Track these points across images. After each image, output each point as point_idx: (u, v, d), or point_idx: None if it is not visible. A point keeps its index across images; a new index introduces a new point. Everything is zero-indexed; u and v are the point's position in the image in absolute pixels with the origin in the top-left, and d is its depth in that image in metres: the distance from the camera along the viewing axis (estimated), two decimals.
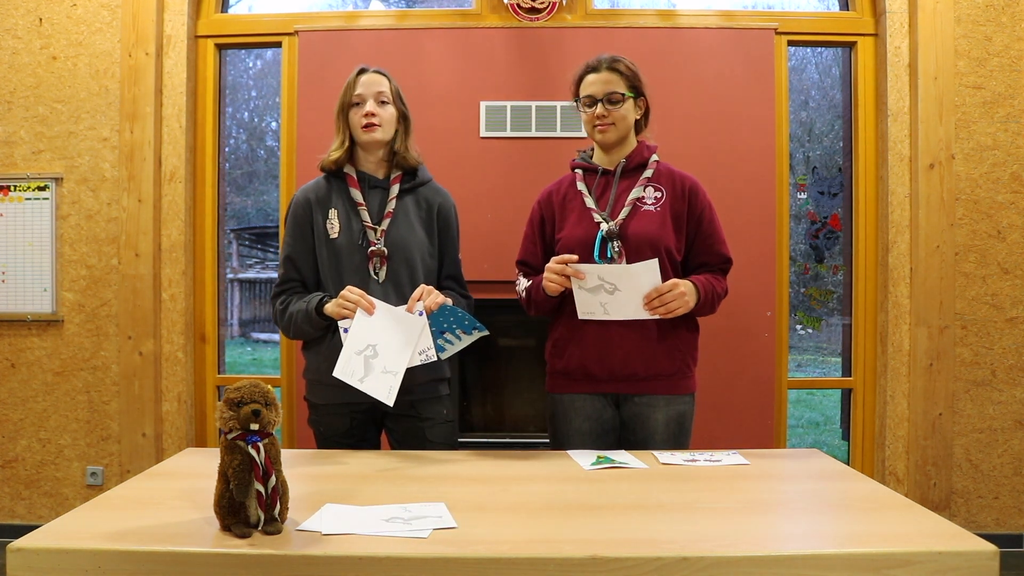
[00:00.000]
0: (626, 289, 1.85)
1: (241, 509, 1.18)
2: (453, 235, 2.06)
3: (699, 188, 2.01)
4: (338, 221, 1.93)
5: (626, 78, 1.97)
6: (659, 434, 1.96)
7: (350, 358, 1.77)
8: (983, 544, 1.13)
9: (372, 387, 1.76)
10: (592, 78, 1.98)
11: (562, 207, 2.03)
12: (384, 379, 1.77)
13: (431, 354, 1.81)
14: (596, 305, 1.87)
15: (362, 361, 1.77)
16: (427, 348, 1.81)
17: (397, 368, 1.77)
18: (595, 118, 1.97)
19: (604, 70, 1.97)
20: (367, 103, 1.93)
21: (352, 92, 1.95)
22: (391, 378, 1.77)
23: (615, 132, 1.98)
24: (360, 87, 1.95)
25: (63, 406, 3.10)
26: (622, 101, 1.96)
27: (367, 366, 1.77)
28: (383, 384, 1.77)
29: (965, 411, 3.03)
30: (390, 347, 1.78)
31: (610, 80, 1.96)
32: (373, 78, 1.96)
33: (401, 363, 1.78)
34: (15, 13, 3.07)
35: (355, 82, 1.96)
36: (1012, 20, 2.99)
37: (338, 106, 1.98)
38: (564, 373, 2.01)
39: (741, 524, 1.25)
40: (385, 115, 1.94)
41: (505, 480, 1.55)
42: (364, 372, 1.77)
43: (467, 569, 1.09)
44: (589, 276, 1.85)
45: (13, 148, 3.08)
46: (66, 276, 3.09)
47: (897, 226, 3.03)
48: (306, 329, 1.90)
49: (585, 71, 2.01)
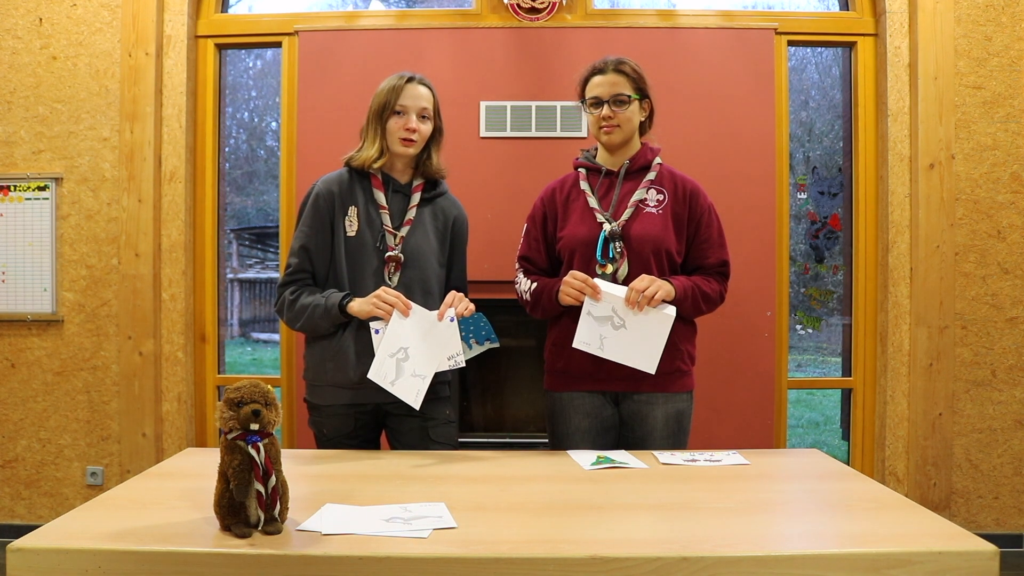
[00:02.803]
0: (632, 329, 1.85)
1: (241, 509, 1.18)
2: (463, 248, 2.08)
3: (700, 191, 2.02)
4: (357, 220, 1.92)
5: (632, 80, 1.98)
6: (658, 431, 1.97)
7: (384, 360, 1.78)
8: (983, 544, 1.13)
9: (402, 390, 1.78)
10: (598, 80, 1.99)
11: (565, 205, 2.04)
12: (413, 382, 1.78)
13: (460, 360, 1.83)
14: (596, 337, 1.86)
15: (394, 364, 1.79)
16: (456, 354, 1.82)
17: (426, 372, 1.79)
18: (601, 119, 1.98)
19: (610, 72, 1.98)
20: (411, 117, 1.91)
21: (396, 100, 1.90)
22: (419, 382, 1.78)
23: (620, 133, 1.99)
24: (406, 98, 1.90)
25: (63, 406, 3.10)
26: (628, 103, 1.97)
27: (398, 369, 1.79)
28: (411, 387, 1.78)
29: (965, 411, 3.03)
30: (420, 351, 1.79)
31: (616, 82, 1.97)
32: (420, 91, 1.93)
33: (430, 367, 1.80)
34: (15, 13, 3.07)
35: (401, 90, 1.91)
36: (1012, 20, 2.99)
37: (376, 107, 1.93)
38: (563, 372, 2.01)
39: (741, 524, 1.25)
40: (424, 131, 1.93)
41: (505, 480, 1.55)
42: (396, 375, 1.78)
43: (467, 569, 1.09)
44: (603, 302, 1.85)
45: (13, 148, 3.08)
46: (66, 276, 3.09)
47: (897, 226, 3.03)
48: (320, 324, 1.89)
49: (591, 72, 2.02)
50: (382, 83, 1.96)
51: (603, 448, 1.97)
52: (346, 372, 1.89)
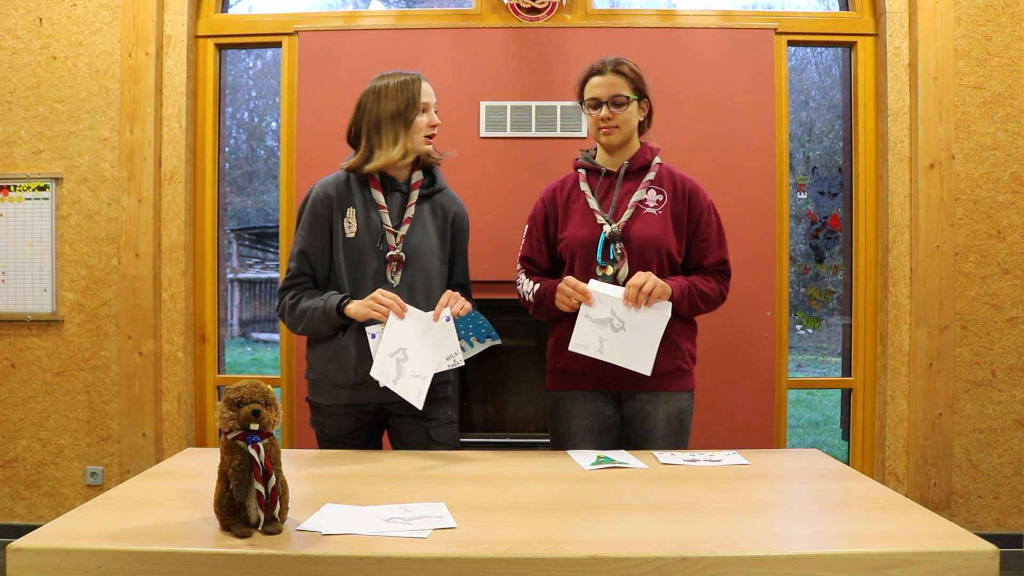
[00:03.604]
0: (631, 331, 1.85)
1: (241, 509, 1.18)
2: (464, 243, 2.07)
3: (700, 191, 2.02)
4: (356, 221, 1.92)
5: (631, 80, 1.98)
6: (659, 430, 1.97)
7: (384, 360, 1.79)
8: (983, 544, 1.13)
9: (404, 389, 1.79)
10: (597, 80, 1.99)
11: (565, 206, 2.04)
12: (413, 383, 1.79)
13: (458, 359, 1.83)
14: (594, 339, 1.86)
15: (395, 364, 1.79)
16: (455, 353, 1.83)
17: (425, 372, 1.79)
18: (600, 120, 1.98)
19: (609, 72, 1.98)
20: (432, 113, 1.96)
21: (419, 100, 1.93)
22: (420, 382, 1.79)
23: (619, 134, 1.99)
24: (425, 95, 1.94)
25: (63, 406, 3.10)
26: (627, 104, 1.97)
27: (399, 369, 1.79)
28: (413, 387, 1.79)
29: (965, 411, 3.03)
30: (419, 352, 1.80)
31: (615, 83, 1.97)
32: (430, 88, 1.97)
33: (429, 368, 1.80)
34: (15, 13, 3.07)
35: (420, 89, 1.94)
36: (1012, 20, 2.99)
37: (394, 108, 1.91)
38: (565, 371, 2.01)
39: (741, 524, 1.25)
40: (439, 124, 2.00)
41: (505, 480, 1.55)
42: (397, 374, 1.79)
43: (467, 569, 1.09)
44: (601, 305, 1.85)
45: (13, 148, 3.08)
46: (66, 276, 3.09)
47: (897, 226, 3.03)
48: (320, 327, 1.89)
49: (590, 73, 2.01)
50: (384, 82, 1.94)
51: (604, 447, 1.97)
52: (347, 372, 1.89)
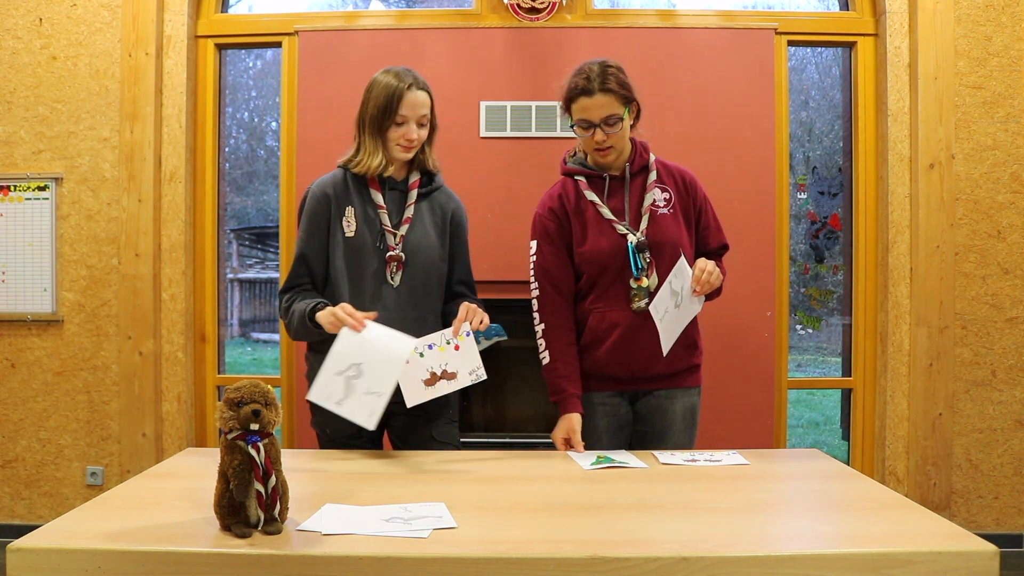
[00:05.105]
0: (681, 310, 1.86)
1: (241, 509, 1.18)
2: (464, 240, 2.06)
3: (695, 179, 2.04)
4: (355, 220, 1.91)
5: (620, 96, 1.88)
6: (677, 424, 2.00)
7: (329, 380, 1.66)
8: (983, 544, 1.13)
9: (351, 410, 1.65)
10: (586, 103, 1.87)
11: (577, 217, 1.98)
12: (366, 401, 1.65)
13: (480, 373, 1.77)
14: (663, 308, 1.84)
15: (343, 382, 1.66)
16: (477, 368, 1.77)
17: (382, 389, 1.65)
18: (595, 142, 1.90)
19: (597, 93, 1.86)
20: (411, 127, 1.87)
21: (397, 111, 1.86)
22: (374, 399, 1.65)
23: (616, 152, 1.94)
24: (406, 107, 1.86)
25: (63, 406, 3.10)
26: (620, 122, 1.89)
27: (348, 387, 1.65)
28: (364, 406, 1.65)
29: (965, 411, 3.02)
30: (375, 368, 1.67)
31: (605, 104, 1.86)
32: (419, 99, 1.87)
33: (387, 384, 1.66)
34: (15, 13, 3.07)
35: (402, 99, 1.86)
36: (1012, 20, 2.99)
37: (375, 113, 1.87)
38: (585, 374, 1.99)
39: (741, 524, 1.25)
40: (422, 136, 1.91)
41: (505, 480, 1.55)
42: (344, 394, 1.65)
43: (467, 569, 1.09)
44: (681, 278, 1.84)
45: (13, 148, 3.08)
46: (66, 276, 3.09)
47: (897, 226, 3.03)
48: (301, 332, 1.88)
49: (577, 93, 1.89)
50: (379, 80, 1.91)
51: (619, 446, 1.98)
52: None
